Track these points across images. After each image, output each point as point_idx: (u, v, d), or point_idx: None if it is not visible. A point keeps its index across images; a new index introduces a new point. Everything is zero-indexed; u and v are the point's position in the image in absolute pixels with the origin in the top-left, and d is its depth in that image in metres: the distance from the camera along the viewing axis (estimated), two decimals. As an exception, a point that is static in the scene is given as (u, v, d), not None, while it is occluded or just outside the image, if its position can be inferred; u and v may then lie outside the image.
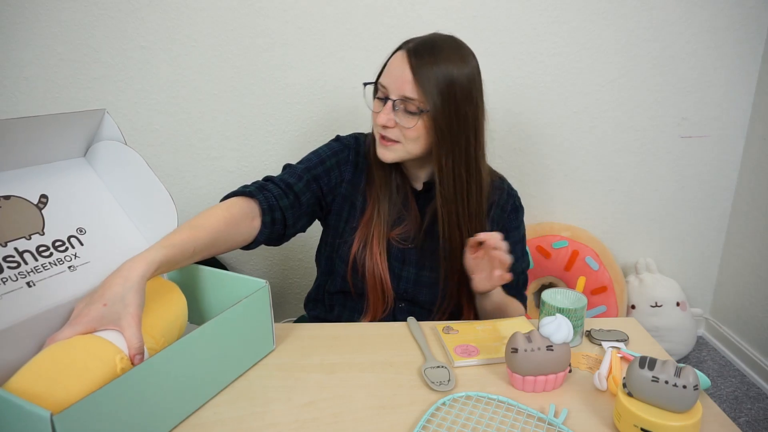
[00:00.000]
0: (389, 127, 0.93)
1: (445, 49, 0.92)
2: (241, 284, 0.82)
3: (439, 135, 0.93)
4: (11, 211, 0.74)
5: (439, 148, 0.94)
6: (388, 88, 0.93)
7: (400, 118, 0.92)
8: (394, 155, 0.96)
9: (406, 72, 0.90)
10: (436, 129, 0.92)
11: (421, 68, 0.90)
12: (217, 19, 1.55)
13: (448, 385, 0.75)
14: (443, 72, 0.90)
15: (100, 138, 0.86)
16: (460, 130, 0.94)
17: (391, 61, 0.94)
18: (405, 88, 0.91)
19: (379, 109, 0.95)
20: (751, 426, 1.59)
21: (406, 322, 0.94)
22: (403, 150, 0.96)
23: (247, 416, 0.70)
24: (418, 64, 0.90)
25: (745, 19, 1.70)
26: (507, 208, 1.07)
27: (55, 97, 1.56)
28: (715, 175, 1.87)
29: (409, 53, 0.91)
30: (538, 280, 1.85)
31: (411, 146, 0.95)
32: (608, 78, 1.73)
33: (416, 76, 0.90)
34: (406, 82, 0.90)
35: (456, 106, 0.92)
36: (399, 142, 0.95)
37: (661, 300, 1.82)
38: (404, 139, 0.94)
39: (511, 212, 1.07)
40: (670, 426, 0.61)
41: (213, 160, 1.68)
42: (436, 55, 0.91)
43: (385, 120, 0.93)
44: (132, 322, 0.65)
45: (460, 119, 0.93)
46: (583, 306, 0.85)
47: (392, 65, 0.94)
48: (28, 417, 0.52)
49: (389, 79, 0.93)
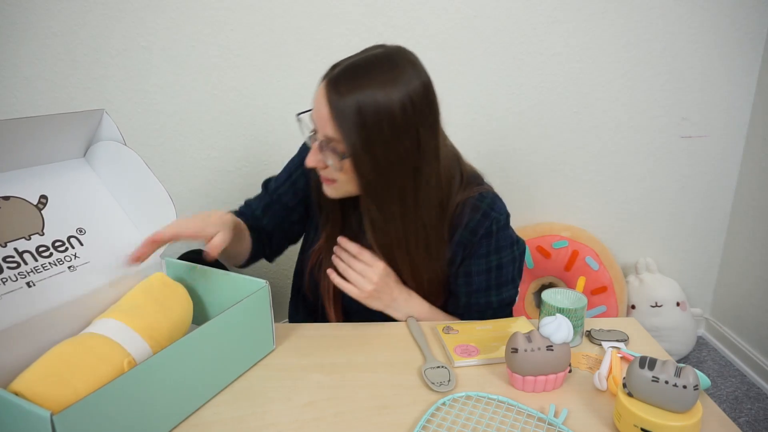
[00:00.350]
0: (319, 167, 0.85)
1: (372, 71, 0.77)
2: (241, 284, 0.82)
3: (363, 181, 0.81)
4: (11, 212, 0.74)
5: (366, 195, 0.83)
6: (314, 123, 0.83)
7: (328, 157, 0.82)
8: (336, 193, 0.88)
9: (324, 108, 0.78)
10: (358, 174, 0.80)
11: (339, 102, 0.77)
12: (217, 19, 1.55)
13: (448, 385, 0.75)
14: (365, 103, 0.76)
15: (99, 138, 0.86)
16: (393, 172, 0.80)
17: (316, 94, 0.82)
18: (325, 127, 0.79)
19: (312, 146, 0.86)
20: (751, 426, 1.59)
21: (407, 321, 0.94)
22: (343, 189, 0.86)
23: (247, 416, 0.70)
24: (335, 98, 0.77)
25: (745, 19, 1.70)
26: (479, 230, 0.91)
27: (54, 97, 1.55)
28: (715, 175, 1.87)
29: (328, 84, 0.79)
30: (538, 280, 1.85)
31: (349, 187, 0.85)
32: (608, 78, 1.73)
33: (333, 113, 0.77)
34: (325, 120, 0.79)
35: (384, 144, 0.78)
36: (335, 180, 0.85)
37: (661, 300, 1.82)
38: (339, 177, 0.84)
39: (483, 236, 0.91)
40: (670, 426, 0.61)
41: (213, 160, 1.67)
42: (357, 83, 0.76)
43: (312, 162, 0.84)
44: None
45: (390, 160, 0.79)
46: (583, 306, 0.85)
47: (316, 98, 0.82)
48: (28, 417, 0.52)
49: (314, 114, 0.82)
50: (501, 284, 0.94)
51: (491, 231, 0.91)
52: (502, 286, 0.95)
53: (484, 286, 0.94)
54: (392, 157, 0.79)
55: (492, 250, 0.92)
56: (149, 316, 0.73)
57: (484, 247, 0.92)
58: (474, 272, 0.93)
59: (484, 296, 0.94)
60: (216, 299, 0.86)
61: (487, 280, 0.93)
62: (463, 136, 1.74)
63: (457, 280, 0.95)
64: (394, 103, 0.76)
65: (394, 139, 0.78)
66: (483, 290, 0.94)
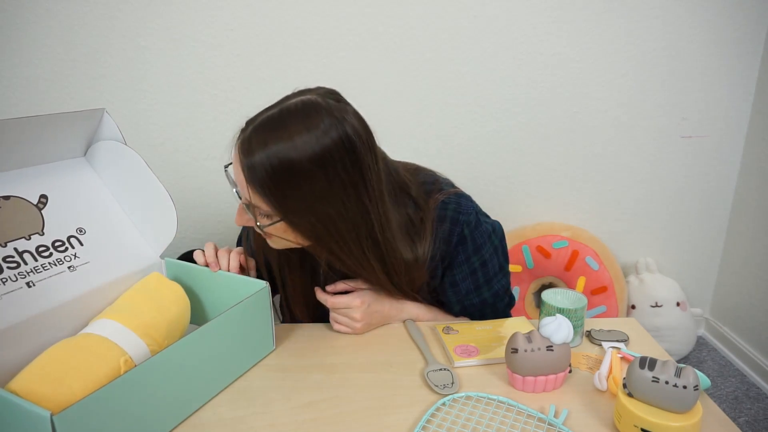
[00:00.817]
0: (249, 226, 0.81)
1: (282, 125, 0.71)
2: (241, 285, 0.82)
3: (305, 237, 0.78)
4: (11, 212, 0.74)
5: (315, 247, 0.80)
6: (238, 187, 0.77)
7: (257, 217, 0.77)
8: (278, 246, 0.83)
9: (239, 173, 0.74)
10: (297, 232, 0.77)
11: (251, 166, 0.71)
12: (217, 19, 1.55)
13: (452, 388, 0.74)
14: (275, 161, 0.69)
15: (99, 138, 0.86)
16: (329, 230, 0.75)
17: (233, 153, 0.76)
18: (244, 192, 0.75)
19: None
20: (751, 426, 1.59)
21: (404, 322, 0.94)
22: (285, 243, 0.81)
23: (247, 416, 0.70)
24: (247, 162, 0.71)
25: (745, 19, 1.69)
26: (452, 239, 0.88)
27: (54, 97, 1.55)
28: (715, 175, 1.87)
29: (241, 147, 0.73)
30: (538, 280, 1.85)
31: (289, 242, 0.80)
32: (608, 78, 1.73)
33: (247, 178, 0.72)
34: (243, 186, 0.74)
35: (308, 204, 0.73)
36: (273, 235, 0.80)
37: (661, 300, 1.82)
38: (275, 233, 0.79)
39: (457, 244, 0.88)
40: (670, 426, 0.61)
41: (213, 160, 1.67)
42: (266, 141, 0.70)
43: (240, 222, 0.79)
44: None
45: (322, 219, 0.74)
46: (583, 306, 0.85)
47: (233, 158, 0.76)
48: (28, 417, 0.52)
49: (236, 178, 0.77)
50: (489, 279, 0.92)
51: (464, 236, 0.88)
52: (491, 280, 0.93)
53: (473, 287, 0.92)
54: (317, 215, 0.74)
55: (471, 253, 0.89)
56: (146, 316, 0.73)
57: (462, 254, 0.89)
58: (459, 280, 0.91)
59: (476, 296, 0.93)
60: (216, 299, 0.87)
61: (475, 281, 0.92)
62: (463, 136, 1.74)
63: (445, 291, 0.93)
64: (305, 156, 0.69)
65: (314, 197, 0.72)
66: (473, 291, 0.92)
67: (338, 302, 0.88)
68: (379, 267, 0.82)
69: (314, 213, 0.74)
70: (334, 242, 0.77)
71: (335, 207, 0.73)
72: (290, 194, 0.72)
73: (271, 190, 0.72)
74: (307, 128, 0.70)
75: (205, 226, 1.74)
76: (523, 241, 1.80)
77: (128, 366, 0.64)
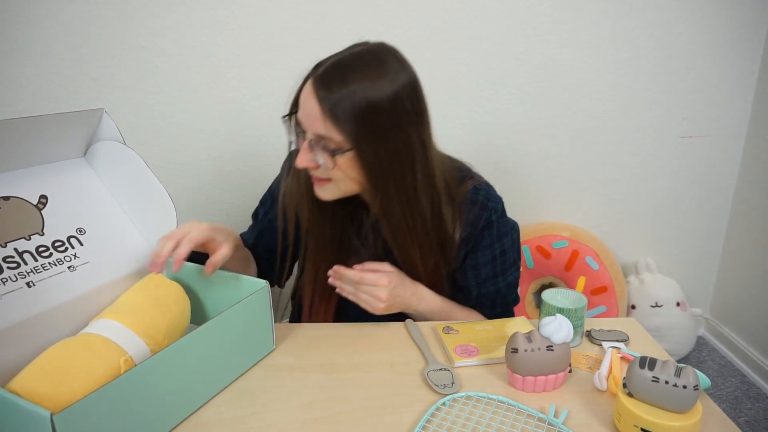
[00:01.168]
0: (311, 167, 0.83)
1: (360, 68, 0.78)
2: (241, 284, 0.82)
3: (367, 173, 0.81)
4: (11, 212, 0.74)
5: (373, 187, 0.83)
6: (302, 124, 0.82)
7: (319, 156, 0.81)
8: (329, 195, 0.86)
9: (314, 106, 0.78)
10: (362, 166, 0.81)
11: (330, 99, 0.76)
12: (217, 19, 1.55)
13: (452, 387, 0.74)
14: (357, 99, 0.76)
15: (99, 138, 0.86)
16: (392, 163, 0.81)
17: (302, 93, 0.82)
18: (316, 125, 0.78)
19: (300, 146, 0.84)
20: (751, 426, 1.59)
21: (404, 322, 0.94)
22: (336, 189, 0.85)
23: (247, 416, 0.70)
24: (326, 95, 0.77)
25: (745, 19, 1.70)
26: (479, 222, 0.93)
27: (55, 97, 1.55)
28: (715, 175, 1.87)
29: (316, 82, 0.79)
30: (538, 280, 1.85)
31: (344, 185, 0.85)
32: (608, 78, 1.73)
33: (325, 110, 0.77)
34: (316, 119, 0.78)
35: (380, 137, 0.79)
36: (330, 179, 0.84)
37: (661, 300, 1.82)
38: (335, 176, 0.83)
39: (483, 228, 0.93)
40: (670, 426, 0.61)
41: (213, 160, 1.67)
42: (346, 80, 0.77)
43: (303, 162, 0.82)
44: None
45: (389, 151, 0.80)
46: (583, 306, 0.85)
47: (302, 97, 0.81)
48: (28, 417, 0.52)
49: (301, 114, 0.81)
50: (505, 269, 0.97)
51: (491, 221, 0.94)
52: (506, 271, 0.97)
53: (491, 274, 0.96)
54: (389, 147, 0.80)
55: (494, 239, 0.95)
56: (146, 315, 0.73)
57: (486, 238, 0.94)
58: (481, 263, 0.96)
59: (492, 284, 0.97)
60: (216, 299, 0.86)
61: (494, 268, 0.96)
62: (463, 136, 1.74)
63: (466, 274, 0.97)
64: (384, 95, 0.77)
65: (388, 130, 0.79)
66: (491, 278, 0.96)
67: (367, 277, 0.85)
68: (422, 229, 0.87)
69: (383, 142, 0.79)
70: (392, 179, 0.82)
71: (401, 138, 0.80)
72: (365, 123, 0.77)
73: (347, 118, 0.77)
74: (380, 66, 0.78)
75: (205, 226, 1.74)
76: (523, 241, 1.80)
77: (128, 365, 0.64)
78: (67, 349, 0.64)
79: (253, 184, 1.69)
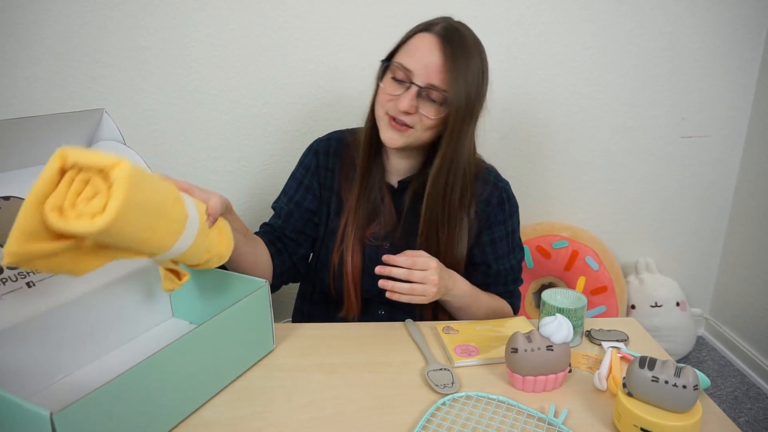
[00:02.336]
0: (410, 113, 0.89)
1: (470, 41, 0.90)
2: (241, 284, 0.82)
3: (454, 128, 0.90)
4: (11, 212, 0.74)
5: (450, 140, 0.91)
6: (413, 72, 0.88)
7: (421, 104, 0.89)
8: (404, 140, 0.92)
9: (438, 59, 0.87)
10: (453, 122, 0.89)
11: (455, 59, 0.86)
12: (218, 19, 1.55)
13: (452, 387, 0.74)
14: (472, 66, 0.88)
15: (99, 138, 0.86)
16: (470, 124, 0.92)
17: (416, 44, 0.90)
18: (434, 76, 0.87)
19: (396, 92, 0.90)
20: (751, 426, 1.59)
21: (404, 322, 0.94)
22: (414, 136, 0.92)
23: (247, 416, 0.70)
24: (453, 54, 0.87)
25: (745, 19, 1.70)
26: (492, 200, 1.01)
27: (55, 97, 1.55)
28: (715, 175, 1.87)
29: (441, 39, 0.88)
30: (538, 280, 1.85)
31: (423, 134, 0.92)
32: (608, 78, 1.73)
33: (449, 67, 0.86)
34: (436, 71, 0.87)
35: (474, 102, 0.90)
36: (412, 127, 0.91)
37: (661, 300, 1.82)
38: (419, 125, 0.90)
39: (497, 205, 1.01)
40: (670, 426, 0.61)
41: (213, 160, 1.67)
42: (466, 47, 0.88)
43: (407, 106, 0.88)
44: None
45: (473, 114, 0.92)
46: (583, 306, 0.86)
47: (419, 48, 0.89)
48: (28, 417, 0.52)
49: (416, 63, 0.88)
50: (515, 247, 1.04)
51: (503, 199, 1.02)
52: (516, 249, 1.04)
53: (506, 250, 1.02)
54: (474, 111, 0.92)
55: (507, 216, 1.02)
56: None
57: (500, 215, 1.01)
58: (498, 238, 1.01)
59: (507, 261, 1.02)
60: (216, 299, 0.86)
61: (508, 244, 1.03)
62: (463, 136, 1.74)
63: (484, 249, 1.02)
64: (482, 70, 0.92)
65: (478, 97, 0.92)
66: (506, 255, 1.02)
67: (419, 260, 0.85)
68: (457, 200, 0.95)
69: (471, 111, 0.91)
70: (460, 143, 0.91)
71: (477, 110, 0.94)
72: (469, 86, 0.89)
73: (462, 78, 0.88)
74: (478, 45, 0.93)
75: (205, 226, 1.74)
76: (524, 241, 1.80)
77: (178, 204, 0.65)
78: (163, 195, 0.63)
79: (253, 184, 1.69)
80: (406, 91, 0.88)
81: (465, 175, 0.95)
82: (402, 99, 0.88)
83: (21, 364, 0.63)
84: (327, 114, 1.65)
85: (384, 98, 0.92)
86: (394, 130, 0.91)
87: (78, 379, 0.75)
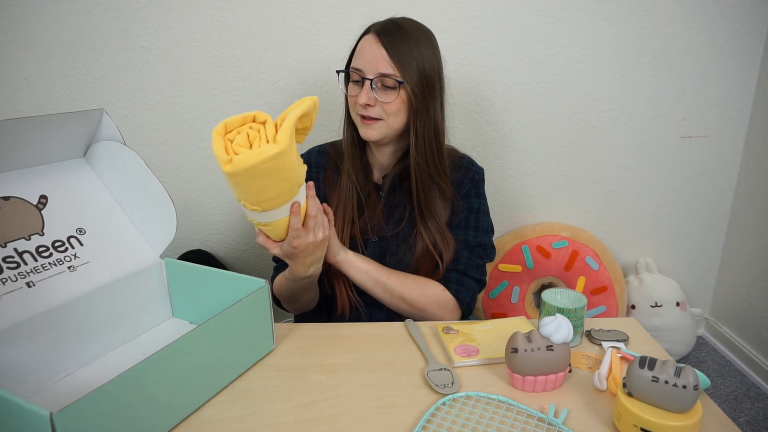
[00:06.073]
0: (370, 105, 0.98)
1: (410, 29, 1.00)
2: (241, 284, 0.82)
3: (416, 104, 0.98)
4: (11, 212, 0.74)
5: (416, 116, 1.00)
6: (363, 70, 0.99)
7: (379, 95, 0.98)
8: (377, 132, 1.01)
9: (379, 51, 0.97)
10: (413, 99, 0.98)
11: (393, 45, 0.97)
12: (217, 19, 1.55)
13: (452, 387, 0.74)
14: (418, 46, 0.98)
15: (99, 138, 0.86)
16: (431, 99, 1.00)
17: (361, 46, 1.01)
18: (380, 66, 0.97)
19: (355, 93, 1.01)
20: (751, 426, 1.59)
21: (404, 322, 0.94)
22: (385, 126, 1.01)
23: (247, 416, 0.70)
24: (390, 42, 0.97)
25: (745, 19, 1.70)
26: (465, 181, 1.10)
27: (55, 97, 1.56)
28: (715, 175, 1.87)
29: (378, 34, 0.99)
30: (538, 280, 1.85)
31: (392, 120, 1.00)
32: (608, 78, 1.73)
33: (390, 53, 0.96)
34: (380, 60, 0.97)
35: (426, 79, 0.99)
36: (381, 119, 1.00)
37: (661, 300, 1.82)
38: (385, 114, 0.99)
39: (467, 183, 1.10)
40: (670, 426, 0.61)
41: (213, 160, 1.67)
42: (403, 33, 0.98)
43: (365, 99, 0.97)
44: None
45: (431, 90, 1.00)
46: (583, 306, 0.85)
47: (363, 48, 1.00)
48: (28, 416, 0.52)
49: (363, 61, 0.99)
50: (478, 228, 1.08)
51: (474, 179, 1.10)
52: (479, 230, 1.07)
53: (463, 224, 1.07)
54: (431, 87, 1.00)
55: (473, 194, 1.09)
56: None
57: (472, 190, 1.09)
58: (458, 210, 1.07)
59: (462, 234, 1.06)
60: (216, 299, 0.86)
61: (466, 219, 1.07)
62: (462, 136, 1.74)
63: (467, 217, 1.08)
64: (430, 50, 1.00)
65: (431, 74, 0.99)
66: (462, 228, 1.07)
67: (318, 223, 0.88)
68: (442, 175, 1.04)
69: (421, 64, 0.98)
70: (428, 120, 1.00)
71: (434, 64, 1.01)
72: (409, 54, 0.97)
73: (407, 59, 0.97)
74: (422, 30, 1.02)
75: (205, 226, 1.74)
76: (523, 241, 1.80)
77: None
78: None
79: (253, 184, 1.69)
80: (362, 88, 0.99)
81: (440, 140, 1.03)
82: (360, 95, 0.99)
83: (21, 364, 0.63)
84: (327, 115, 1.65)
85: (351, 102, 1.03)
86: (366, 127, 1.01)
87: (78, 379, 0.75)
